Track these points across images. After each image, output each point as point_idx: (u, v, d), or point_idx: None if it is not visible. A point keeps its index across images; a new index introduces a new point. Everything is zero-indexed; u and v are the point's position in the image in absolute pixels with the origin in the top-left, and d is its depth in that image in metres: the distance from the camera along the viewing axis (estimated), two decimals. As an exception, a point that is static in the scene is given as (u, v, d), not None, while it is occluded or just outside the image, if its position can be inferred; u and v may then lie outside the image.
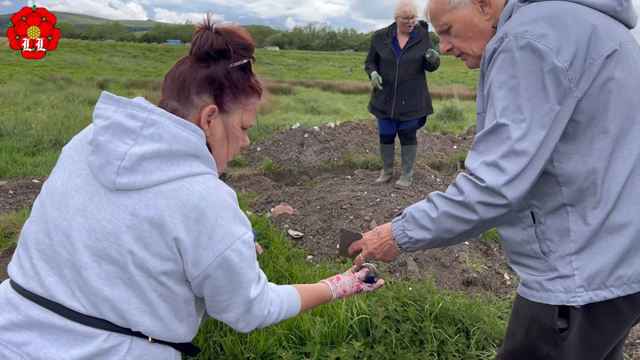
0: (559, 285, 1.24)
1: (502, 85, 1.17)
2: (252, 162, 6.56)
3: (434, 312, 2.53)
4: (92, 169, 1.03)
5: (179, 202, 1.01)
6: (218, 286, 1.08)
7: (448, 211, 1.23)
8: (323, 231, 3.95)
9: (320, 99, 17.16)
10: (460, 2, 1.36)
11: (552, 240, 1.25)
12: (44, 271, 1.04)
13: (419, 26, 4.70)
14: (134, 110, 1.04)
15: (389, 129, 4.97)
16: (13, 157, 6.09)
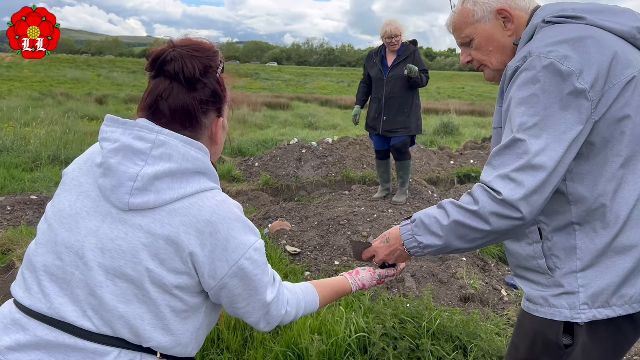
0: (564, 301, 1.25)
1: (522, 102, 1.19)
2: (250, 178, 6.58)
3: (431, 329, 2.52)
4: (104, 192, 1.05)
5: (192, 218, 1.05)
6: (235, 294, 1.13)
7: (460, 220, 1.23)
8: (321, 247, 3.95)
9: (318, 114, 17.27)
10: (484, 17, 1.38)
11: (558, 257, 1.27)
12: (54, 293, 1.05)
13: (408, 44, 4.80)
14: (141, 132, 1.07)
15: (381, 145, 5.05)
16: (11, 173, 6.09)
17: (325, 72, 74.48)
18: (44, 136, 7.98)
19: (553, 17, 1.27)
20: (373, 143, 5.18)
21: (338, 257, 3.79)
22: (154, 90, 1.13)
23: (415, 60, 4.73)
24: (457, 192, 5.78)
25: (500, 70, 1.41)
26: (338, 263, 3.69)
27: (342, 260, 3.74)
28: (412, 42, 4.86)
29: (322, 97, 27.81)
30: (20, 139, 7.80)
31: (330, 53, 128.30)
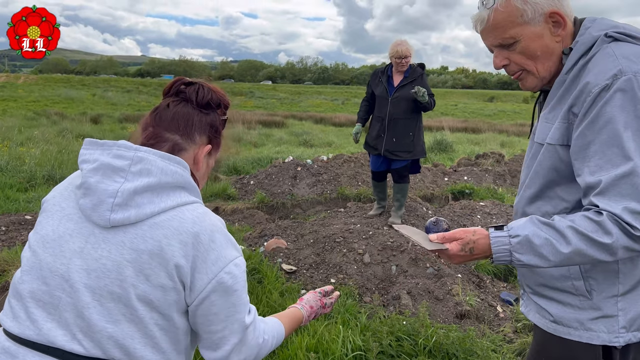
0: (601, 325, 1.24)
1: (627, 125, 1.13)
2: (245, 196, 6.59)
3: (428, 346, 2.53)
4: (84, 211, 1.07)
5: (174, 230, 1.06)
6: (212, 312, 1.11)
7: (584, 250, 1.14)
8: (317, 265, 3.95)
9: (313, 131, 17.34)
10: (534, 18, 1.26)
11: (595, 279, 1.25)
12: (42, 318, 1.05)
13: (415, 66, 4.77)
14: (119, 151, 1.09)
15: (380, 165, 4.98)
16: (6, 193, 6.08)
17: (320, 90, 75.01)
18: (39, 156, 7.97)
19: (615, 32, 1.23)
20: (371, 163, 5.10)
21: (334, 274, 3.80)
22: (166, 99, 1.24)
23: (422, 84, 4.66)
24: (451, 209, 5.81)
25: (545, 78, 1.33)
26: (334, 280, 3.70)
27: (337, 277, 3.75)
28: (419, 65, 4.83)
29: (316, 114, 27.95)
30: (14, 159, 7.79)
31: (324, 71, 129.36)
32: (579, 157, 1.20)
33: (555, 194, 1.31)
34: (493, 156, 9.22)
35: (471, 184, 7.30)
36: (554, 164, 1.29)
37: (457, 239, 1.29)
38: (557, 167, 1.29)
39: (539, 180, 1.33)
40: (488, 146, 13.17)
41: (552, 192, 1.32)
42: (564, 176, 1.28)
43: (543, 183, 1.33)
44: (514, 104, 50.20)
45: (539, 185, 1.34)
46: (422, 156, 4.95)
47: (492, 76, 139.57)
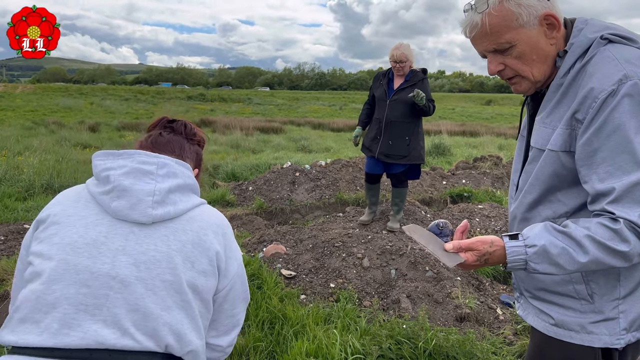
0: (603, 328, 1.25)
1: (638, 130, 1.12)
2: (243, 202, 6.59)
3: (427, 350, 2.53)
4: (120, 212, 1.14)
5: (206, 223, 1.24)
6: (237, 295, 1.31)
7: (601, 258, 1.14)
8: (316, 270, 3.95)
9: (311, 137, 17.37)
10: (529, 21, 1.23)
11: (597, 283, 1.25)
12: (85, 321, 1.06)
13: (417, 71, 4.75)
14: (142, 157, 1.21)
15: (375, 168, 4.94)
16: (4, 202, 6.07)
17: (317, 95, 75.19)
18: (37, 165, 7.97)
19: (610, 34, 1.22)
20: (366, 164, 5.05)
21: (333, 279, 3.80)
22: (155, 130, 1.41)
23: (422, 88, 4.63)
24: (449, 212, 5.82)
25: (540, 82, 1.31)
26: (333, 285, 3.70)
27: (337, 282, 3.74)
28: (422, 70, 4.80)
29: (314, 120, 27.99)
30: (13, 168, 7.79)
31: (321, 77, 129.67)
32: (586, 164, 1.19)
33: (556, 199, 1.31)
34: (491, 159, 9.25)
35: (469, 187, 7.31)
36: (556, 170, 1.27)
37: (473, 249, 1.27)
38: (559, 173, 1.27)
39: (539, 186, 1.32)
40: (486, 149, 13.20)
41: (553, 196, 1.31)
42: (566, 181, 1.27)
43: (544, 189, 1.31)
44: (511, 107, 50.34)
45: (540, 191, 1.32)
46: (418, 162, 4.83)
47: (489, 80, 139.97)
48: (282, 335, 2.89)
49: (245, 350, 2.70)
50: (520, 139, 1.49)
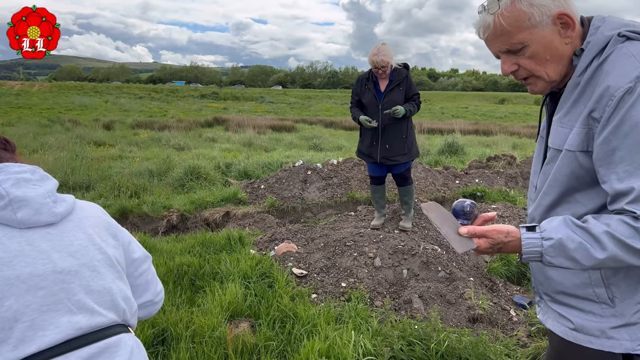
0: (624, 333, 1.21)
1: None
2: (255, 200, 6.60)
3: (440, 351, 2.50)
4: (28, 220, 1.18)
5: (90, 208, 1.36)
6: (138, 258, 1.45)
7: (619, 256, 1.12)
8: (327, 269, 3.93)
9: (323, 135, 17.35)
10: (542, 21, 1.22)
11: (617, 287, 1.22)
12: (54, 318, 1.12)
13: (400, 67, 4.67)
14: (11, 168, 1.24)
15: (379, 171, 4.90)
16: (19, 199, 6.14)
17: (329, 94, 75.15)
18: (52, 162, 8.06)
19: (628, 31, 1.19)
20: (368, 168, 5.01)
21: (345, 278, 3.77)
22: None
23: (407, 85, 4.62)
24: (463, 212, 5.76)
25: (555, 81, 1.29)
26: (345, 285, 3.68)
27: (349, 281, 3.72)
28: (403, 66, 4.71)
29: (326, 118, 27.98)
30: (28, 166, 7.88)
31: (333, 75, 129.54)
32: (604, 164, 1.16)
33: (575, 200, 1.27)
34: (505, 158, 9.14)
35: (482, 186, 7.23)
36: (574, 171, 1.24)
37: (488, 237, 1.26)
38: (577, 173, 1.24)
39: (558, 187, 1.29)
40: (499, 148, 13.07)
41: (572, 197, 1.28)
42: (584, 182, 1.24)
43: (562, 190, 1.29)
44: (525, 106, 49.86)
45: (558, 192, 1.30)
46: (417, 156, 4.87)
47: (502, 78, 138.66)
48: (293, 334, 2.88)
49: (256, 349, 2.69)
50: (540, 140, 1.46)
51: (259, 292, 3.38)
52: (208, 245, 4.51)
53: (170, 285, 3.53)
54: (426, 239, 4.60)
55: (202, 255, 4.23)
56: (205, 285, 3.52)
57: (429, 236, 4.73)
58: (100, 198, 6.43)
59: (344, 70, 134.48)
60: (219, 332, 2.73)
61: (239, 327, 2.80)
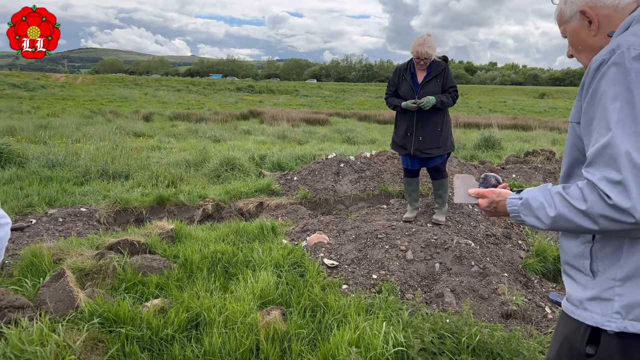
0: (597, 306, 1.25)
1: (616, 97, 1.15)
2: (288, 192, 6.65)
3: (471, 345, 2.47)
4: None
5: None
6: None
7: (566, 215, 1.20)
8: (358, 260, 3.94)
9: (357, 129, 17.29)
10: (572, 16, 1.41)
11: (602, 261, 1.25)
12: None
13: (439, 60, 4.61)
14: None
15: (412, 164, 4.85)
16: (63, 186, 6.39)
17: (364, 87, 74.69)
18: (93, 151, 8.34)
19: None
20: (402, 161, 4.98)
21: (376, 270, 3.77)
22: None
23: (444, 77, 4.56)
24: (498, 207, 5.65)
25: None
26: (375, 276, 3.68)
27: (379, 273, 3.72)
28: (442, 58, 4.66)
29: (360, 112, 27.85)
30: (71, 155, 8.18)
31: (368, 69, 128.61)
32: (586, 134, 1.25)
33: (581, 172, 1.31)
34: (543, 153, 8.89)
35: (520, 181, 7.07)
36: (574, 142, 1.35)
37: (486, 197, 1.49)
38: (577, 144, 1.34)
39: (566, 158, 1.40)
40: (538, 143, 12.72)
41: (578, 169, 1.35)
42: (584, 154, 1.30)
43: (569, 161, 1.39)
44: (565, 101, 48.26)
45: (567, 163, 1.40)
46: (452, 150, 4.79)
47: (543, 72, 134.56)
48: (324, 323, 2.90)
49: (287, 336, 2.73)
50: None
51: (290, 281, 3.42)
52: (242, 234, 4.58)
53: (204, 272, 3.62)
54: (460, 233, 4.54)
55: (236, 243, 4.31)
56: (238, 273, 3.59)
57: (463, 230, 4.67)
58: (138, 187, 6.62)
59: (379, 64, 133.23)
60: (250, 319, 2.78)
61: (270, 314, 2.84)
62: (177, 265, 3.73)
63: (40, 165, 7.40)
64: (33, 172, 6.90)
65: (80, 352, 2.44)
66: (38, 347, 2.33)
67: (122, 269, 3.49)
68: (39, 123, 13.90)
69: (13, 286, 3.32)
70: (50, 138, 10.80)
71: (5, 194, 5.74)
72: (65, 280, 3.08)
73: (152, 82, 58.63)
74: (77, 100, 31.15)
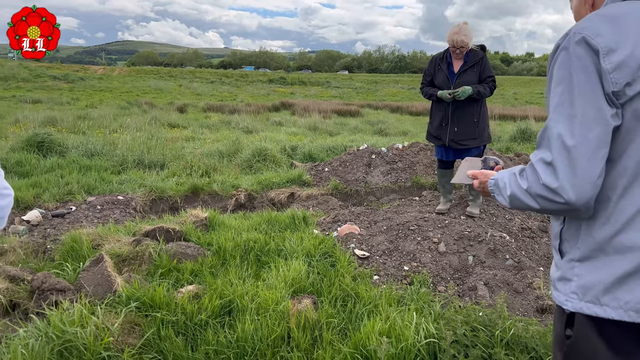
0: (561, 285, 1.27)
1: (559, 81, 1.18)
2: (319, 182, 6.66)
3: (505, 339, 2.43)
4: None
5: None
6: None
7: (516, 194, 1.26)
8: (390, 252, 3.92)
9: (389, 120, 17.14)
10: None
11: (569, 242, 1.27)
12: None
13: (476, 49, 4.50)
14: None
15: (447, 155, 4.76)
16: (101, 175, 6.58)
17: (396, 78, 73.88)
18: (130, 142, 8.55)
19: None
20: (436, 152, 4.90)
21: (407, 262, 3.74)
22: None
23: (482, 67, 4.45)
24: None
25: None
26: (407, 268, 3.65)
27: (411, 265, 3.69)
28: (480, 47, 4.55)
29: (392, 103, 27.59)
30: (109, 144, 8.41)
31: (401, 60, 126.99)
32: None
33: None
34: (583, 146, 8.60)
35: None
36: None
37: (478, 178, 1.56)
38: None
39: None
40: (577, 136, 12.31)
41: None
42: None
43: None
44: (608, 92, 46.50)
45: None
46: (488, 141, 4.68)
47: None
48: (355, 313, 2.90)
49: (318, 324, 2.74)
50: None
51: (322, 270, 3.43)
52: (273, 224, 4.62)
53: (237, 259, 3.67)
54: (494, 226, 4.45)
55: (268, 232, 4.35)
56: (270, 261, 3.62)
57: (497, 223, 4.58)
58: (173, 176, 6.75)
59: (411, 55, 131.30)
60: (282, 307, 2.81)
61: (301, 302, 2.86)
62: (211, 253, 3.79)
63: (80, 154, 7.64)
64: (73, 161, 7.13)
65: (118, 334, 2.51)
66: (78, 328, 2.42)
67: (157, 256, 3.57)
68: (78, 114, 14.34)
69: (55, 270, 3.44)
70: (88, 128, 11.12)
71: (47, 182, 5.96)
72: (104, 265, 3.18)
73: (186, 74, 59.55)
74: (114, 91, 31.94)
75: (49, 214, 5.07)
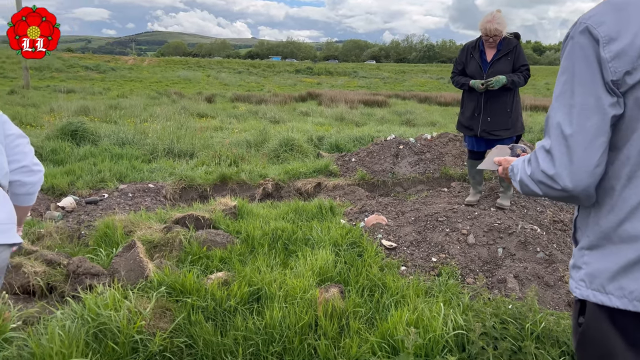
0: (574, 273, 1.29)
1: (564, 71, 1.19)
2: (346, 173, 6.65)
3: (535, 332, 2.39)
4: None
5: None
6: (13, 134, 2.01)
7: (524, 180, 1.28)
8: (417, 243, 3.89)
9: (416, 111, 16.94)
10: None
11: (581, 230, 1.29)
12: None
13: (510, 37, 4.39)
14: None
15: (478, 145, 4.67)
16: (132, 163, 6.72)
17: (425, 68, 72.87)
18: (160, 131, 8.69)
19: None
20: (467, 142, 4.80)
21: (435, 253, 3.71)
22: None
23: (515, 55, 4.34)
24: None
25: None
26: (435, 259, 3.62)
27: (439, 256, 3.66)
28: (514, 35, 4.42)
29: (420, 93, 27.24)
30: (139, 133, 8.57)
31: (429, 49, 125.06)
32: None
33: None
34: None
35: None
36: None
37: (502, 164, 1.55)
38: None
39: None
40: (613, 127, 11.94)
41: None
42: None
43: None
44: None
45: None
46: (522, 132, 4.58)
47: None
48: (382, 303, 2.90)
49: (345, 313, 2.75)
50: None
51: (349, 260, 3.44)
52: (301, 213, 4.65)
53: (265, 248, 3.71)
54: (525, 218, 4.37)
55: (295, 221, 4.37)
56: (298, 250, 3.64)
57: (528, 215, 4.49)
58: (202, 165, 6.85)
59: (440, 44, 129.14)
60: (309, 295, 2.83)
61: (328, 291, 2.88)
62: (240, 241, 3.84)
63: (112, 143, 7.81)
64: (105, 149, 7.30)
65: (149, 318, 2.58)
66: (112, 311, 2.49)
67: (187, 243, 3.64)
68: (109, 103, 14.64)
69: (89, 255, 3.55)
70: (120, 118, 11.36)
71: (81, 170, 6.12)
72: (136, 251, 3.25)
73: (214, 64, 60.03)
74: (144, 81, 32.47)
75: (83, 201, 5.22)
